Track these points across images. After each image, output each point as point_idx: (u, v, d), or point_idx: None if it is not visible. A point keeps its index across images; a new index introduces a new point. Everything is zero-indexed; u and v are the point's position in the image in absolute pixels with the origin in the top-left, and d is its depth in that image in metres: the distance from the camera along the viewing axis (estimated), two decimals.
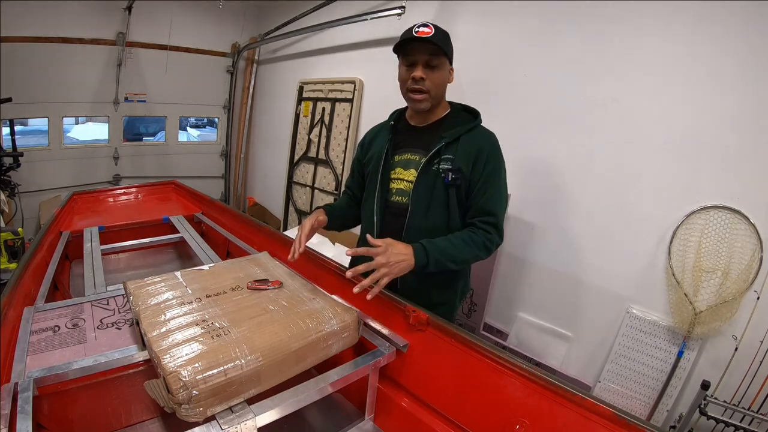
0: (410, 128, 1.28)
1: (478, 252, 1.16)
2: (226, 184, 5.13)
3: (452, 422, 0.96)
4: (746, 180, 1.62)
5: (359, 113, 3.27)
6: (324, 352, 0.98)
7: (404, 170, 1.23)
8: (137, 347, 0.99)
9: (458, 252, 1.13)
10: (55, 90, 3.67)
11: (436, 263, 1.10)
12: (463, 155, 1.15)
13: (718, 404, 1.54)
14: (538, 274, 2.27)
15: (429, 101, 1.17)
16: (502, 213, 1.20)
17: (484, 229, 1.16)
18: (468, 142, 1.17)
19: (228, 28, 4.54)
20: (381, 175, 1.25)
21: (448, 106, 1.26)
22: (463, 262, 1.15)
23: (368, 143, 1.36)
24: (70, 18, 3.58)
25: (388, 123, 1.32)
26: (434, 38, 1.09)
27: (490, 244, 1.16)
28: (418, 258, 1.07)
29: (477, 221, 1.17)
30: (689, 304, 1.72)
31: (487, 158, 1.15)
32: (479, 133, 1.20)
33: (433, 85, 1.14)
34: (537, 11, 2.17)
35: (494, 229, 1.17)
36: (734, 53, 1.61)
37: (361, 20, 3.00)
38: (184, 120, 4.95)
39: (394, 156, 1.26)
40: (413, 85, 1.15)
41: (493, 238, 1.17)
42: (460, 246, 1.13)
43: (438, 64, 1.13)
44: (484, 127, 1.23)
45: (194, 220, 2.27)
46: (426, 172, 1.18)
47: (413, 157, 1.22)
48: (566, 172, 2.12)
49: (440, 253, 1.10)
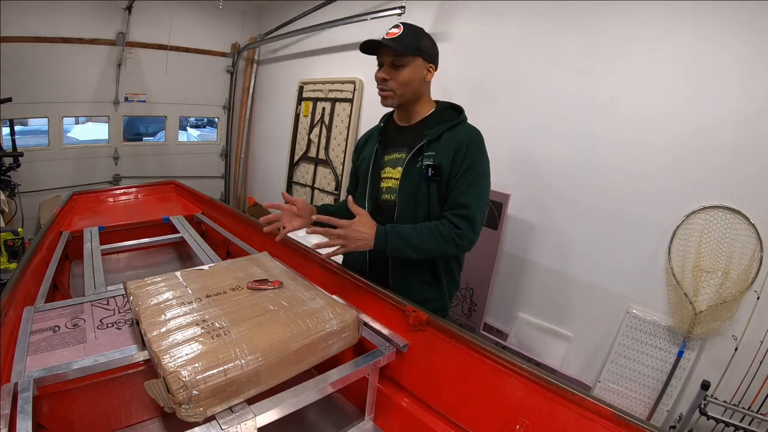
0: (397, 128, 1.31)
1: (444, 245, 1.14)
2: (226, 184, 5.13)
3: (452, 422, 0.96)
4: (746, 180, 1.62)
5: (359, 113, 3.27)
6: (324, 352, 0.98)
7: (392, 169, 1.26)
8: (137, 347, 0.99)
9: (420, 241, 1.13)
10: (55, 90, 3.67)
11: (394, 248, 1.13)
12: (444, 151, 1.17)
13: (718, 404, 1.54)
14: (538, 274, 2.27)
15: (395, 99, 1.20)
16: (478, 207, 1.17)
17: (453, 222, 1.14)
18: (450, 138, 1.18)
19: (228, 28, 4.54)
20: (371, 175, 1.28)
21: (434, 105, 1.28)
22: (424, 251, 1.14)
23: (361, 147, 1.40)
24: (70, 18, 3.59)
25: (378, 125, 1.36)
26: (396, 40, 1.13)
27: (459, 238, 1.14)
28: (378, 239, 1.12)
29: (449, 214, 1.16)
30: (689, 304, 1.72)
31: (466, 153, 1.16)
32: (461, 129, 1.21)
33: (397, 84, 1.17)
34: (537, 11, 2.17)
35: (465, 222, 1.14)
36: (734, 53, 1.61)
37: (361, 20, 3.00)
38: (184, 120, 4.95)
39: (383, 156, 1.28)
40: (378, 85, 1.20)
41: (464, 232, 1.14)
42: (425, 235, 1.13)
43: (404, 64, 1.15)
44: (468, 123, 1.25)
45: (194, 220, 2.27)
46: (410, 169, 1.20)
47: (400, 156, 1.25)
48: (566, 172, 2.12)
49: (400, 238, 1.12)
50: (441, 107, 1.28)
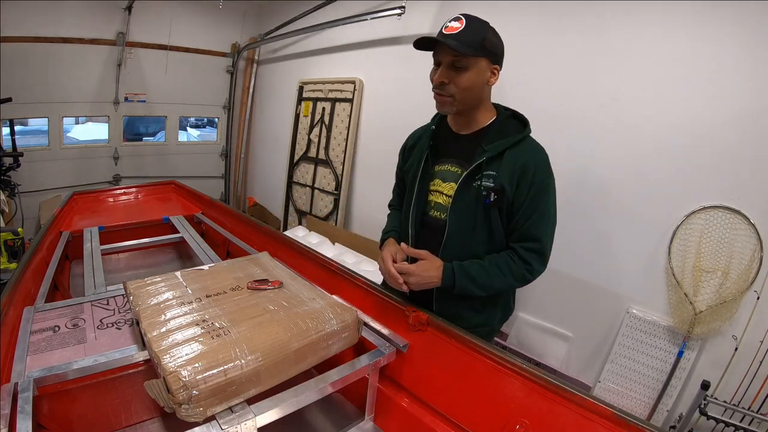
0: (452, 135, 1.16)
1: (513, 282, 1.08)
2: (226, 184, 5.12)
3: (452, 422, 0.96)
4: (746, 180, 1.62)
5: (359, 113, 3.27)
6: (324, 352, 0.98)
7: (443, 182, 1.13)
8: (137, 347, 0.99)
9: (489, 280, 1.06)
10: (55, 90, 3.67)
11: (462, 289, 1.07)
12: (506, 172, 1.04)
13: (718, 404, 1.54)
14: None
15: (453, 105, 1.05)
16: (549, 239, 1.09)
17: (524, 258, 1.06)
18: (513, 158, 1.04)
19: (228, 28, 4.54)
20: (418, 186, 1.15)
21: (495, 112, 1.14)
22: (492, 289, 1.09)
23: (408, 149, 1.26)
24: (70, 18, 3.58)
25: (430, 127, 1.20)
26: (458, 37, 0.97)
27: (529, 274, 1.07)
28: (445, 279, 1.07)
29: (519, 247, 1.07)
30: (689, 304, 1.72)
31: (533, 178, 1.03)
32: (526, 148, 1.07)
33: (457, 89, 1.02)
34: (537, 11, 2.17)
35: (537, 256, 1.07)
36: (734, 53, 1.61)
37: (361, 20, 3.00)
38: (184, 120, 4.94)
39: (434, 165, 1.15)
40: (434, 88, 1.06)
41: (534, 268, 1.07)
42: (495, 274, 1.06)
43: (465, 66, 1.00)
44: (533, 139, 1.12)
45: (194, 220, 2.27)
46: (466, 187, 1.08)
47: (453, 169, 1.12)
48: (566, 172, 2.11)
49: (469, 280, 1.06)
50: (503, 116, 1.13)
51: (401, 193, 1.30)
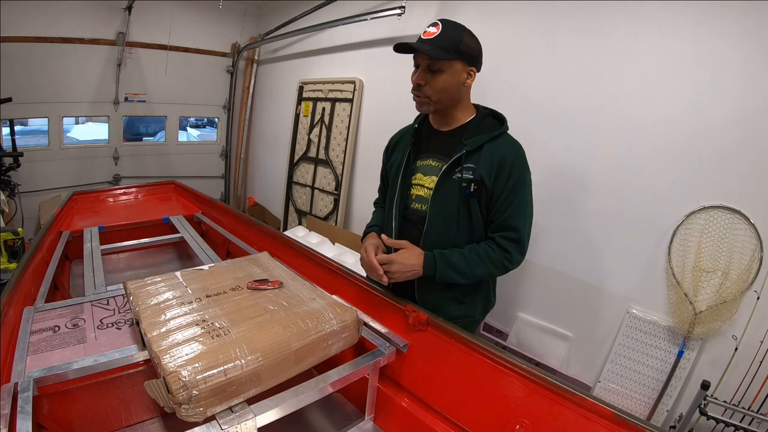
0: (433, 132, 1.22)
1: (493, 270, 1.13)
2: (226, 184, 5.12)
3: (452, 422, 0.96)
4: (746, 180, 1.62)
5: (359, 113, 3.27)
6: (324, 352, 0.98)
7: (425, 176, 1.19)
8: (137, 347, 0.99)
9: (470, 267, 1.11)
10: (55, 90, 3.67)
11: (443, 276, 1.11)
12: (485, 165, 1.10)
13: (718, 404, 1.54)
14: (538, 274, 2.27)
15: (430, 105, 1.13)
16: (526, 228, 1.15)
17: (503, 246, 1.12)
18: (491, 152, 1.10)
19: (228, 28, 4.54)
20: (401, 180, 1.21)
21: (474, 110, 1.20)
22: (473, 276, 1.13)
23: (392, 148, 1.33)
24: (70, 18, 3.58)
25: (412, 126, 1.27)
26: (434, 41, 1.04)
27: (509, 263, 1.13)
28: (427, 268, 1.11)
29: (498, 237, 1.13)
30: (689, 304, 1.72)
31: (510, 170, 1.09)
32: (503, 142, 1.13)
33: (433, 90, 1.09)
34: (537, 11, 2.17)
35: (515, 245, 1.12)
36: (735, 53, 1.61)
37: (361, 20, 3.00)
38: (184, 120, 4.94)
39: (416, 161, 1.21)
40: (412, 90, 1.13)
41: (513, 256, 1.13)
42: (474, 261, 1.11)
43: (440, 68, 1.07)
44: (509, 135, 1.17)
45: (194, 220, 2.27)
46: (446, 180, 1.13)
47: (434, 164, 1.18)
48: (566, 172, 2.12)
49: (449, 266, 1.10)
50: (482, 114, 1.19)
51: (385, 191, 1.35)
